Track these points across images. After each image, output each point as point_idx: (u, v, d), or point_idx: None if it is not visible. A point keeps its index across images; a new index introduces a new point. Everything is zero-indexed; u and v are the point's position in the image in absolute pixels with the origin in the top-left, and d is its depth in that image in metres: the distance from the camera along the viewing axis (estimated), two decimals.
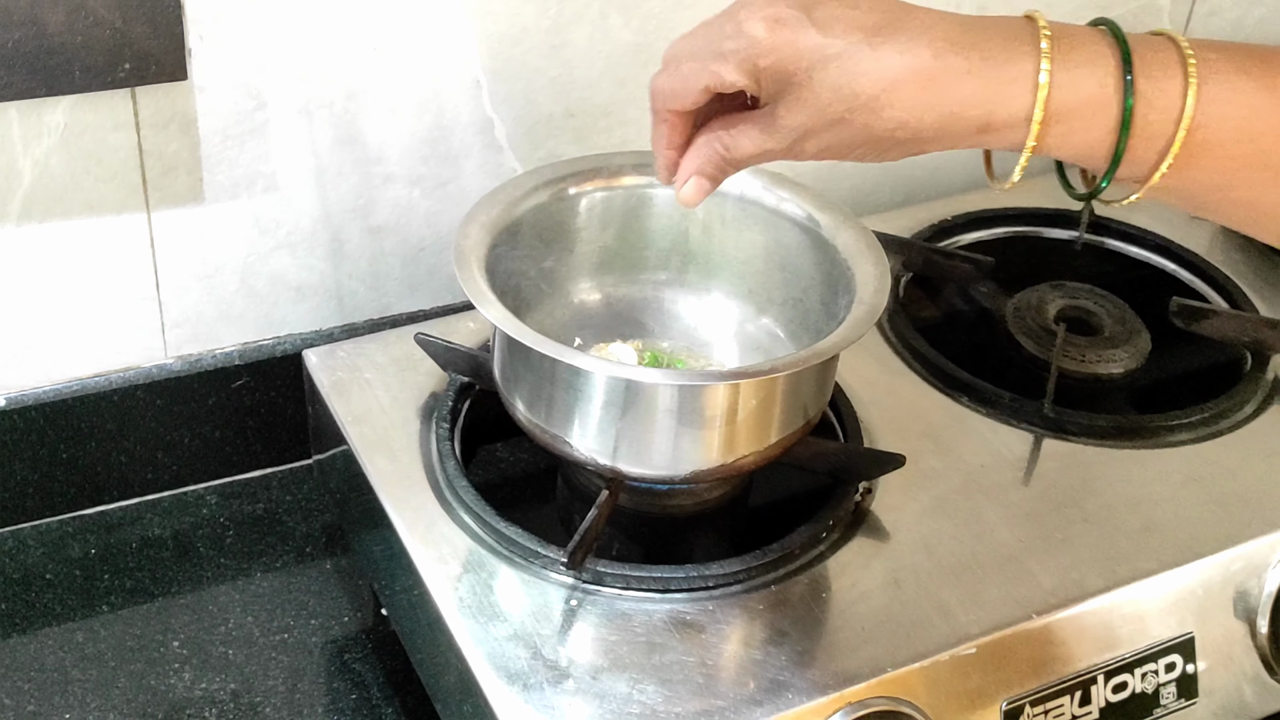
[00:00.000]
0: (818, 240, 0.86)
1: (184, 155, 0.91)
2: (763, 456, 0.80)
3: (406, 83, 0.95)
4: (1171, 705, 0.82)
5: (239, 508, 1.00)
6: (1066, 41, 0.61)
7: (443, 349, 0.90)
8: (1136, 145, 0.61)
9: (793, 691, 0.73)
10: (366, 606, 0.93)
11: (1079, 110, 0.61)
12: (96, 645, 0.89)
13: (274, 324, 1.00)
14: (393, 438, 0.87)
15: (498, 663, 0.73)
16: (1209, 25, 1.25)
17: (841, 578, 0.80)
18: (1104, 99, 0.60)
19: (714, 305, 0.92)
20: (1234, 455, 0.91)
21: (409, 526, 0.81)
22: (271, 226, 0.96)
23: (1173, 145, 0.60)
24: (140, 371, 0.97)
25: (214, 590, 0.94)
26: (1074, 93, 0.60)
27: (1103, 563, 0.81)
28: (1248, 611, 0.84)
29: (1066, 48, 0.61)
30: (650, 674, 0.73)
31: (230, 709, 0.86)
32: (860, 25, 0.61)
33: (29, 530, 0.97)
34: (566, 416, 0.78)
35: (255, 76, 0.90)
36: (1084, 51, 0.61)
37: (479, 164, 1.00)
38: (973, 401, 0.94)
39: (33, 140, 0.86)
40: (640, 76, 1.02)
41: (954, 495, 0.86)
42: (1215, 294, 1.07)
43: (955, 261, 1.05)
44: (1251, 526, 0.84)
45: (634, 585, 0.78)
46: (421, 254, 1.02)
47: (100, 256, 0.92)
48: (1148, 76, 0.60)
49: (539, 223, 0.87)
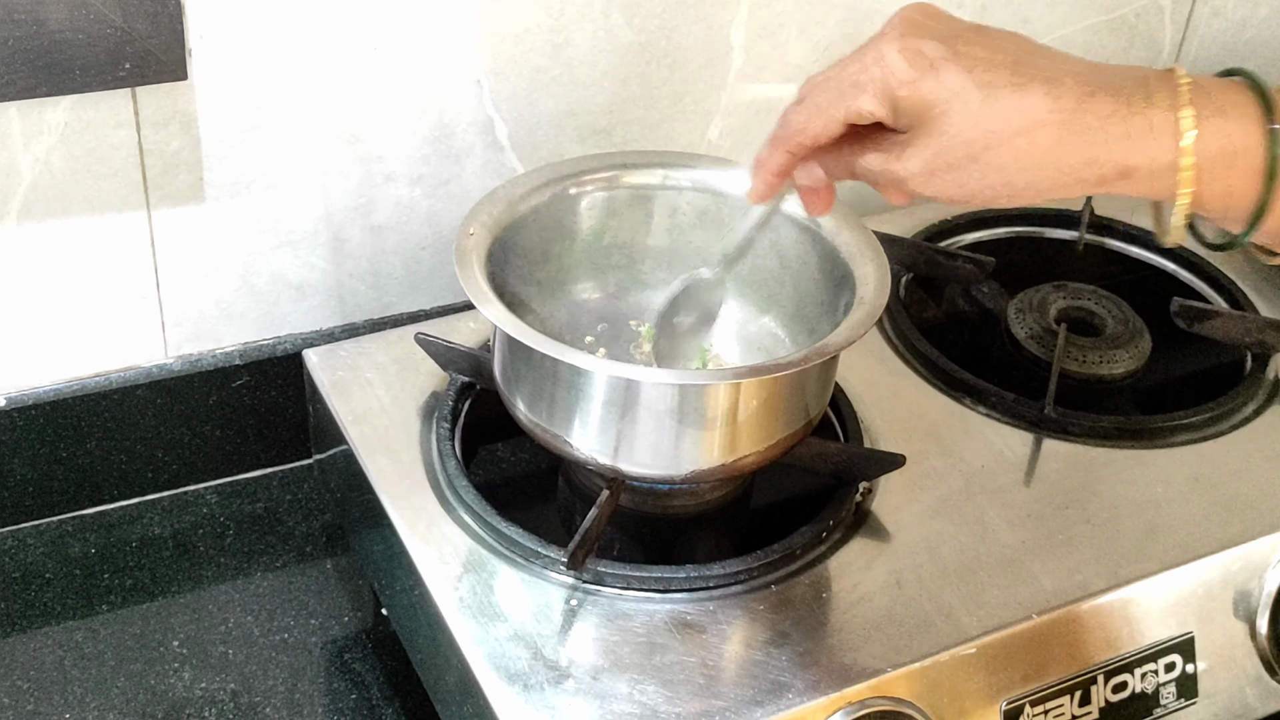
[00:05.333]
0: (818, 240, 0.86)
1: (184, 154, 0.91)
2: (764, 457, 0.80)
3: (407, 82, 0.95)
4: (1171, 705, 0.82)
5: (239, 507, 1.00)
6: (1207, 90, 0.60)
7: (443, 349, 0.90)
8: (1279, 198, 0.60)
9: (793, 692, 0.73)
10: (366, 606, 0.93)
11: (1222, 158, 0.60)
12: (96, 644, 0.89)
13: (274, 323, 1.00)
14: (393, 437, 0.87)
15: (498, 663, 0.73)
16: (1212, 26, 1.25)
17: (842, 578, 0.80)
18: (1248, 148, 0.59)
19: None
20: (1235, 456, 0.91)
21: (409, 526, 0.81)
22: (272, 225, 0.96)
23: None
24: (140, 371, 0.97)
25: (214, 590, 0.94)
26: (1217, 141, 0.59)
27: (1104, 563, 0.81)
28: (1248, 612, 0.84)
29: (1207, 96, 0.60)
30: (651, 674, 0.73)
31: (230, 709, 0.86)
32: (1002, 64, 0.61)
33: (29, 529, 0.97)
34: (567, 416, 0.78)
35: (256, 75, 0.90)
36: (1224, 99, 0.60)
37: (480, 163, 1.00)
38: (974, 402, 0.94)
39: (33, 139, 0.86)
40: (642, 76, 1.02)
41: (955, 496, 0.86)
42: (1216, 295, 1.07)
43: (956, 262, 1.05)
44: (1252, 527, 0.84)
45: (635, 585, 0.78)
46: (422, 253, 1.02)
47: (100, 255, 0.92)
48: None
49: (540, 222, 0.87)
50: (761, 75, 1.06)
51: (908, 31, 0.62)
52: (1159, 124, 0.60)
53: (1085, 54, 1.26)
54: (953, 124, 0.61)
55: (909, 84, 0.62)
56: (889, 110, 0.63)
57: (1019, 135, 0.60)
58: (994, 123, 0.60)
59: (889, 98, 0.63)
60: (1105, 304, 1.03)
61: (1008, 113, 0.60)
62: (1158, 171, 0.60)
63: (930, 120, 0.62)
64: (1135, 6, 1.20)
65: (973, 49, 0.61)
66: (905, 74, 0.62)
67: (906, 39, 0.62)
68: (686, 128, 1.06)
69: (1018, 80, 0.60)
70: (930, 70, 0.61)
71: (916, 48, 0.62)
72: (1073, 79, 0.61)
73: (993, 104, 0.60)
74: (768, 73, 1.06)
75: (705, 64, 1.04)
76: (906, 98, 0.62)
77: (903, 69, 0.62)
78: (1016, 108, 0.60)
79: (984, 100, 0.60)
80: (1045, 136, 0.60)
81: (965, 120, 0.61)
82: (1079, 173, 0.61)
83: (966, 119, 0.61)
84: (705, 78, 1.05)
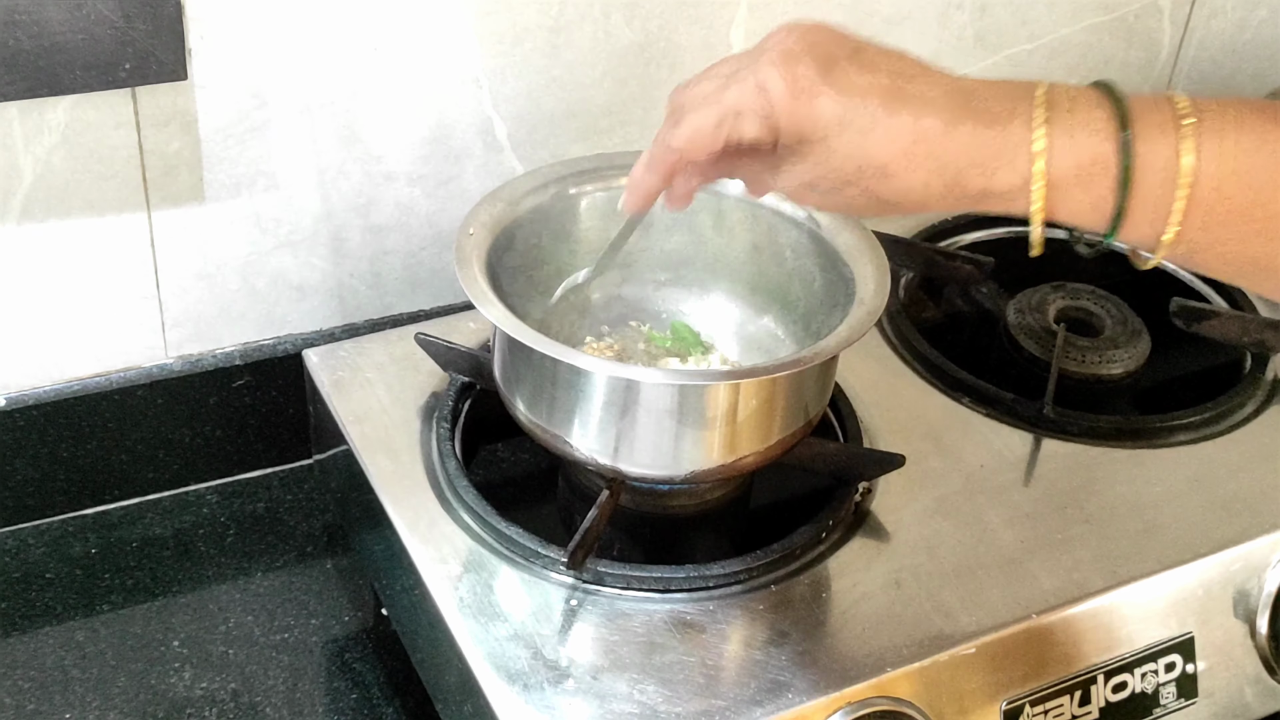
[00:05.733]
0: (818, 240, 0.86)
1: (185, 154, 0.91)
2: (763, 457, 0.80)
3: (407, 82, 0.95)
4: (1171, 705, 0.82)
5: (239, 507, 1.00)
6: (1065, 105, 0.61)
7: (443, 349, 0.90)
8: (1137, 206, 0.61)
9: (793, 691, 0.73)
10: (366, 606, 0.93)
11: (1078, 173, 0.61)
12: (97, 644, 0.89)
13: (275, 323, 1.00)
14: (393, 437, 0.87)
15: (498, 663, 0.73)
16: (1211, 26, 1.25)
17: (842, 578, 0.80)
18: (1103, 161, 0.61)
19: (714, 305, 0.92)
20: (1234, 456, 0.91)
21: (409, 526, 0.81)
22: (272, 225, 0.96)
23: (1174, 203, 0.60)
24: (140, 371, 0.97)
25: (214, 589, 0.94)
26: (1072, 156, 0.61)
27: (1103, 563, 0.81)
28: (1248, 611, 0.84)
29: (1064, 111, 0.61)
30: (651, 674, 0.73)
31: (230, 708, 0.86)
32: (875, 89, 0.63)
33: (29, 529, 0.97)
34: (567, 416, 0.78)
35: (256, 76, 0.90)
36: (1081, 115, 0.61)
37: (480, 164, 1.00)
38: (973, 402, 0.94)
39: (34, 139, 0.86)
40: (642, 76, 1.02)
41: (954, 496, 0.86)
42: (1215, 295, 1.07)
43: (956, 262, 1.05)
44: (1251, 527, 0.84)
45: (635, 585, 0.78)
46: (422, 253, 1.02)
47: (101, 255, 0.92)
48: (1145, 138, 0.60)
49: (540, 223, 0.87)
50: None
51: (787, 55, 0.64)
52: (1014, 144, 0.61)
53: (1085, 54, 1.26)
54: (830, 150, 0.63)
55: (789, 113, 0.63)
56: (770, 135, 0.65)
57: (887, 164, 0.63)
58: (864, 152, 0.63)
59: (770, 124, 0.64)
60: (1104, 304, 1.03)
61: (877, 142, 0.62)
62: (1013, 193, 0.62)
63: (808, 144, 0.64)
64: (1135, 7, 1.20)
65: (849, 75, 0.63)
66: (785, 103, 0.63)
67: (786, 63, 0.63)
68: None
69: (890, 107, 0.62)
70: (808, 100, 0.63)
71: (795, 74, 0.63)
72: (942, 103, 0.62)
73: (867, 132, 0.62)
74: None
75: (705, 64, 1.04)
76: (786, 125, 0.64)
77: (783, 97, 0.63)
78: (884, 137, 0.62)
79: (860, 128, 0.62)
80: (909, 164, 0.62)
81: (842, 148, 0.63)
82: (943, 195, 0.63)
83: (843, 147, 0.63)
84: None
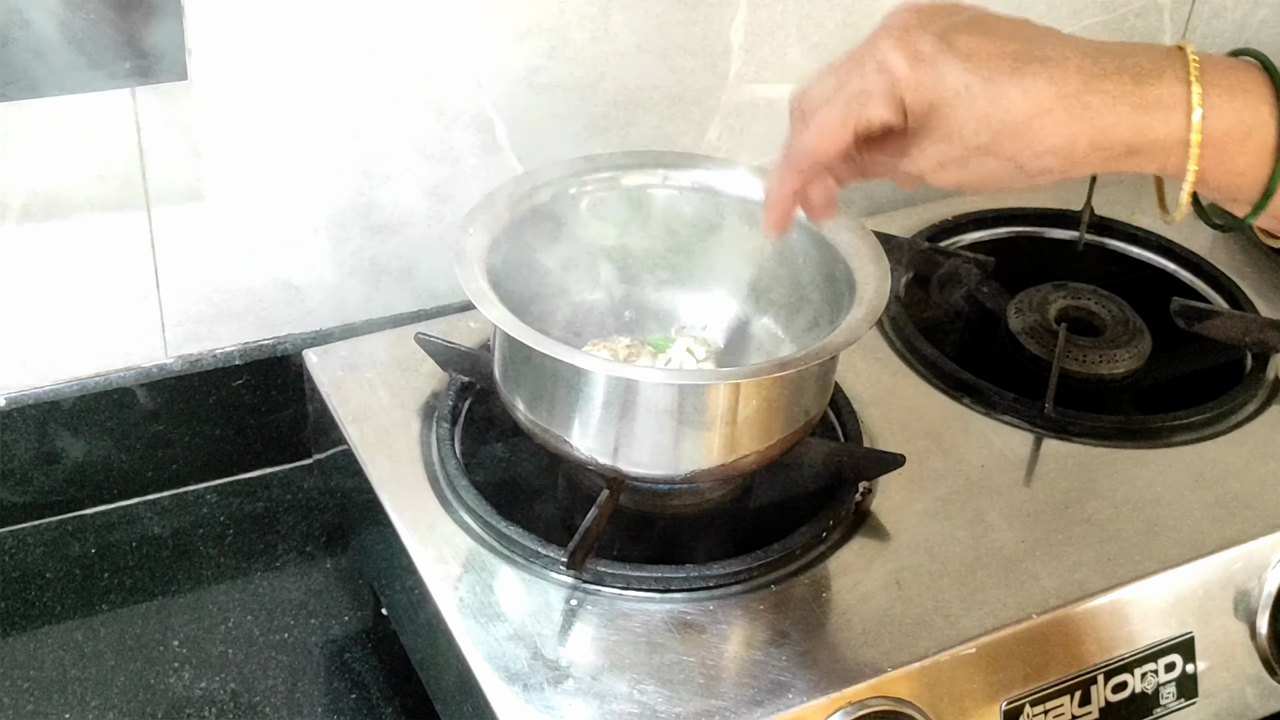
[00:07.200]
0: (818, 240, 0.86)
1: (184, 154, 0.91)
2: (763, 456, 0.80)
3: (407, 82, 0.95)
4: (1171, 705, 0.82)
5: (239, 507, 1.00)
6: (1217, 68, 0.60)
7: (443, 349, 0.90)
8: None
9: (793, 692, 0.73)
10: (366, 606, 0.93)
11: (1232, 137, 0.59)
12: (96, 644, 0.89)
13: (274, 323, 1.00)
14: (393, 437, 0.87)
15: (498, 663, 0.73)
16: (1212, 26, 1.25)
17: (842, 578, 0.80)
18: (1258, 125, 0.59)
19: (714, 305, 0.92)
20: (1235, 455, 0.91)
21: (409, 526, 0.81)
22: (272, 225, 0.96)
23: None
24: (140, 371, 0.97)
25: (213, 589, 0.94)
26: (1233, 116, 0.59)
27: (1103, 563, 0.81)
28: (1248, 611, 0.84)
29: (1217, 75, 0.60)
30: (651, 674, 0.73)
31: (230, 708, 0.86)
32: (1003, 54, 0.60)
33: (29, 529, 0.97)
34: (567, 416, 0.78)
35: (256, 75, 0.90)
36: (1235, 78, 0.60)
37: (479, 164, 1.00)
38: (974, 402, 0.94)
39: (34, 139, 0.86)
40: (641, 76, 1.02)
41: (955, 496, 0.86)
42: (1216, 294, 1.07)
43: (957, 261, 1.04)
44: (1252, 527, 0.84)
45: (635, 585, 0.78)
46: (422, 253, 1.02)
47: (100, 255, 0.92)
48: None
49: (539, 223, 0.87)
50: (761, 75, 1.06)
51: (903, 31, 0.62)
52: (1168, 101, 0.59)
53: None
54: (959, 119, 0.61)
55: (913, 86, 0.61)
56: (898, 115, 0.63)
57: (1026, 123, 0.60)
58: (1000, 113, 0.60)
59: (897, 102, 0.62)
60: (1105, 304, 1.03)
61: (1012, 102, 0.60)
62: (1166, 149, 0.60)
63: (937, 118, 0.61)
64: (1135, 6, 1.20)
65: (971, 41, 0.61)
66: (908, 75, 0.61)
67: (903, 39, 0.61)
68: (686, 128, 1.06)
69: (1019, 67, 0.60)
70: (931, 69, 0.61)
71: (914, 47, 0.61)
72: (1077, 60, 0.60)
73: (997, 95, 0.60)
74: (767, 73, 1.06)
75: (705, 64, 1.04)
76: (913, 100, 0.62)
77: (905, 71, 0.61)
78: (1021, 96, 0.60)
79: (987, 92, 0.60)
80: (1051, 121, 0.60)
81: (971, 114, 0.60)
82: (1089, 154, 0.61)
83: (972, 113, 0.60)
84: (705, 78, 1.05)
